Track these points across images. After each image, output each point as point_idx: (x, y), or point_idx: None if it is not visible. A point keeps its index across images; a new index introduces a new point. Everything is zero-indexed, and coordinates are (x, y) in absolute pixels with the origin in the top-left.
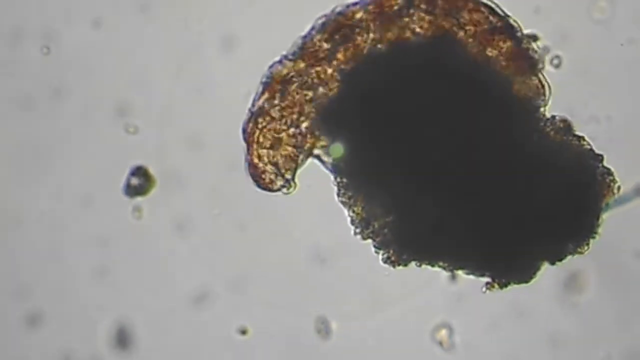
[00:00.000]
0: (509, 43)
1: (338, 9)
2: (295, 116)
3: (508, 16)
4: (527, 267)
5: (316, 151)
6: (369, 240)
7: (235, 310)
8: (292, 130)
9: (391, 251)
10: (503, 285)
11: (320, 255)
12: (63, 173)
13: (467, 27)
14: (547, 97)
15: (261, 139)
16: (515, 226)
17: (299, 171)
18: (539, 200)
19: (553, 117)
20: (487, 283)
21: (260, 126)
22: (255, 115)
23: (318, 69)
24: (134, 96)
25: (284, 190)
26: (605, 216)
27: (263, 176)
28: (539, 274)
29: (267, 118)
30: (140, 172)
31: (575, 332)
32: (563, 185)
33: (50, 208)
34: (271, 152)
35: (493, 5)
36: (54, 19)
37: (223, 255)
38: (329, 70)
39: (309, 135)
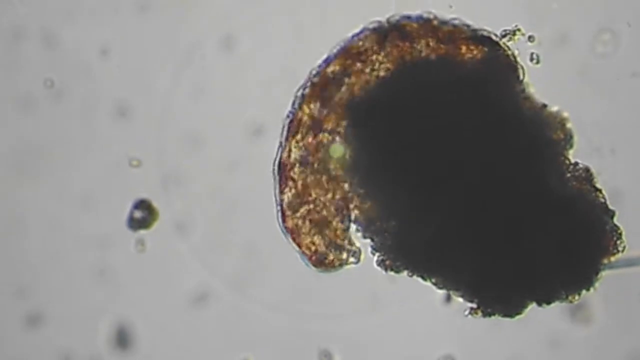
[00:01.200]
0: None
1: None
2: (326, 188)
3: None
4: (515, 302)
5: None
6: (368, 240)
7: (235, 310)
8: (331, 207)
9: (387, 255)
10: (487, 315)
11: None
12: (63, 173)
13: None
14: (573, 142)
15: (306, 229)
16: (514, 260)
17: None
18: (543, 240)
19: (576, 163)
20: (472, 308)
21: (299, 217)
22: (289, 209)
23: (324, 134)
24: (134, 96)
25: (354, 259)
26: (604, 273)
27: (329, 261)
28: (525, 311)
29: (302, 208)
30: (143, 205)
31: (576, 333)
32: (570, 232)
33: (50, 208)
34: (321, 236)
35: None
36: (54, 19)
37: (223, 255)
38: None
39: (346, 198)
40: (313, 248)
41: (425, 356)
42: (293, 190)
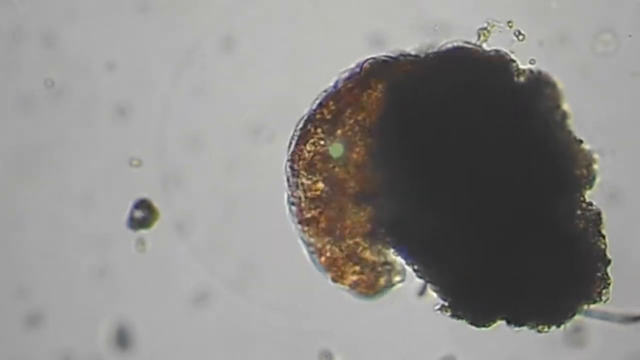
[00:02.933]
0: None
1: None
2: (353, 219)
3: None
4: (486, 314)
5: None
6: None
7: (235, 310)
8: (360, 231)
9: (383, 228)
10: (455, 317)
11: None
12: (63, 173)
13: None
14: (594, 183)
15: (344, 263)
16: (499, 274)
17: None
18: (533, 265)
19: (590, 203)
20: (443, 305)
21: (332, 253)
22: (322, 247)
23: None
24: (134, 96)
25: (399, 277)
26: (578, 317)
27: (377, 287)
28: (492, 325)
29: (337, 246)
30: (143, 205)
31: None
32: (561, 267)
33: (50, 208)
34: (360, 265)
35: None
36: (54, 19)
37: (223, 255)
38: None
39: (375, 227)
40: (357, 279)
41: (425, 356)
42: (320, 226)
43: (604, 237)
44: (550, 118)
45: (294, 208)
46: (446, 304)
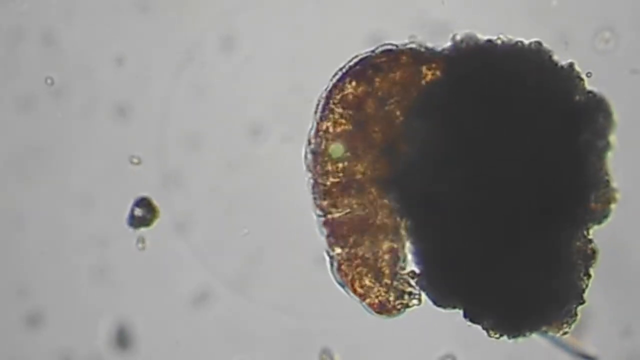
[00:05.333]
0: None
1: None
2: (377, 229)
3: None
4: (447, 296)
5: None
6: None
7: (236, 310)
8: (383, 247)
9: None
10: (420, 286)
11: (323, 257)
12: (63, 173)
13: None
14: (603, 222)
15: (364, 279)
16: (474, 263)
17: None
18: (510, 271)
19: (591, 241)
20: (413, 272)
21: (355, 268)
22: (344, 262)
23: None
24: (134, 96)
25: (416, 301)
26: (535, 336)
27: (392, 307)
28: (448, 309)
29: (357, 260)
30: (143, 203)
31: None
32: (536, 286)
33: (50, 208)
34: (379, 283)
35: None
36: (54, 19)
37: (223, 255)
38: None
39: (397, 241)
40: (374, 296)
41: (425, 356)
42: (347, 241)
43: (589, 277)
44: (593, 143)
45: (322, 220)
46: (417, 271)
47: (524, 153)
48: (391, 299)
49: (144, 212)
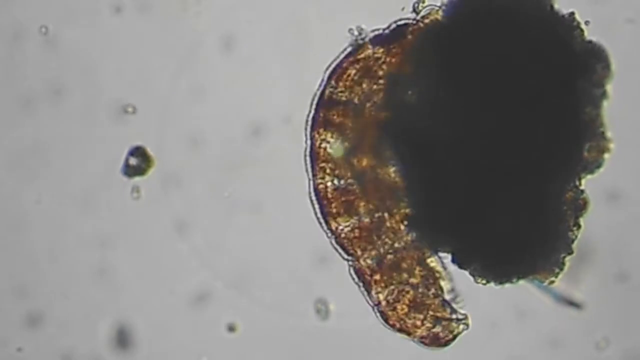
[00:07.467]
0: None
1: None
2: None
3: None
4: (437, 237)
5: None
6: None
7: (235, 310)
8: (418, 278)
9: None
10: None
11: (322, 255)
12: (63, 173)
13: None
14: (596, 171)
15: (410, 318)
16: (465, 205)
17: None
18: (500, 216)
19: (582, 191)
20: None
21: (400, 310)
22: (388, 307)
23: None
24: (134, 96)
25: (464, 326)
26: (521, 283)
27: (444, 338)
28: (441, 255)
29: (400, 301)
30: (138, 152)
31: (575, 333)
32: (525, 233)
33: (50, 208)
34: (425, 317)
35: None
36: (54, 19)
37: (223, 255)
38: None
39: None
40: (424, 333)
41: (425, 356)
42: (387, 284)
43: (579, 227)
44: (590, 92)
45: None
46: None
47: (520, 99)
48: (441, 329)
49: (139, 161)
